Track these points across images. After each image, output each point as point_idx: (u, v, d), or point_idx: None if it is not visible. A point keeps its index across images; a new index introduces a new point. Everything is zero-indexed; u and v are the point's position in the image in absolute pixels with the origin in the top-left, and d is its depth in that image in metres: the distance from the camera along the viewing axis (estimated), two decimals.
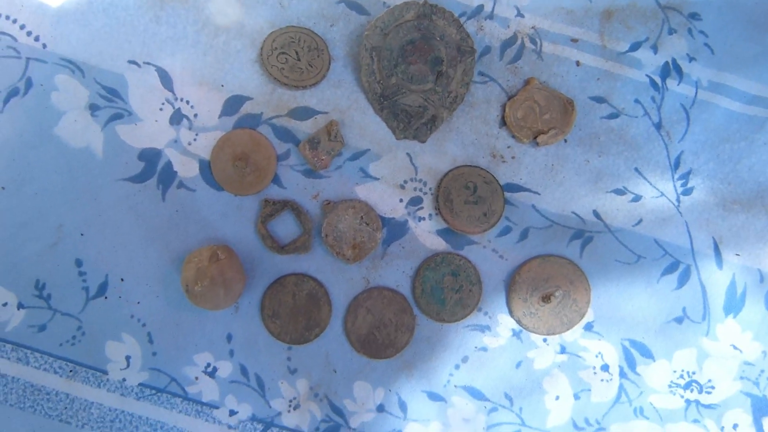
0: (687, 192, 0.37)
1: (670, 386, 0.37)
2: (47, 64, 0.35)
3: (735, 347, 0.37)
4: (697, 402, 0.37)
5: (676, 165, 0.37)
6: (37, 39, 0.35)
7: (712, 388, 0.37)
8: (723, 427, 0.37)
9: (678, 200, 0.37)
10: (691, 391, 0.37)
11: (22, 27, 0.35)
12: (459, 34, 0.36)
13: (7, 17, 0.35)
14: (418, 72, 0.36)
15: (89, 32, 0.35)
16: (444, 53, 0.36)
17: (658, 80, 0.37)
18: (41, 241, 0.35)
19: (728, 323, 0.37)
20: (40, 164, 0.35)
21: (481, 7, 0.37)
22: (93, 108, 0.35)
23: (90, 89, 0.35)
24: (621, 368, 0.37)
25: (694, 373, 0.37)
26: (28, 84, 0.35)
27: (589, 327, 0.37)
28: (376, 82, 0.36)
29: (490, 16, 0.37)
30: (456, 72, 0.36)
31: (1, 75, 0.35)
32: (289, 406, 0.35)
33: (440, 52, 0.36)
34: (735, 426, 0.37)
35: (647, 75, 0.38)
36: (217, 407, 0.35)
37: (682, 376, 0.37)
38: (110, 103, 0.35)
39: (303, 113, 0.36)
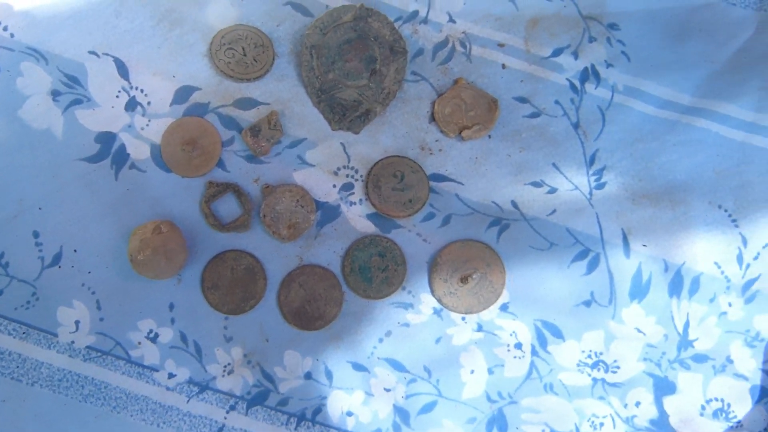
0: (600, 186, 0.40)
1: (578, 365, 0.40)
2: (14, 52, 0.38)
3: (639, 330, 0.40)
4: (603, 380, 0.40)
5: (591, 161, 0.40)
6: (5, 29, 0.38)
7: (618, 368, 0.40)
8: (626, 404, 0.40)
9: (591, 193, 0.40)
10: (598, 370, 0.40)
11: None
12: (392, 35, 0.39)
13: None
14: (353, 69, 0.39)
15: (54, 23, 0.38)
16: (378, 53, 0.39)
17: (577, 84, 0.41)
18: (2, 213, 0.38)
19: (633, 308, 0.40)
20: (5, 143, 0.38)
21: (416, 13, 0.40)
22: (55, 93, 0.38)
23: (53, 76, 0.38)
24: (533, 347, 0.40)
25: (601, 353, 0.40)
26: None
27: (504, 307, 0.40)
28: (315, 78, 0.39)
29: (425, 21, 0.41)
30: (389, 70, 0.39)
31: None
32: (224, 371, 0.38)
33: (374, 51, 0.39)
34: (637, 404, 0.40)
35: (567, 79, 0.41)
36: (157, 370, 0.38)
37: (590, 356, 0.40)
38: (71, 89, 0.38)
39: (247, 104, 0.39)
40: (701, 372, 0.40)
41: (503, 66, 0.41)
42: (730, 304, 0.40)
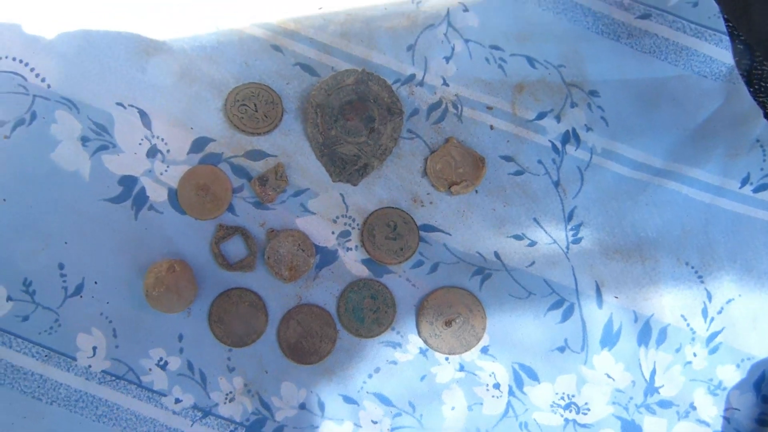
0: (576, 241, 0.44)
1: (552, 406, 0.43)
2: (50, 101, 0.42)
3: (609, 376, 0.43)
4: (575, 421, 0.43)
5: (570, 217, 0.44)
6: (43, 80, 0.42)
7: (588, 410, 0.43)
8: None
9: (568, 247, 0.44)
10: (570, 411, 0.43)
11: (32, 69, 0.42)
12: (390, 98, 0.43)
13: (21, 61, 0.42)
14: (354, 127, 0.43)
15: (86, 77, 0.42)
16: (376, 113, 0.43)
17: (559, 145, 0.45)
18: (31, 246, 0.41)
19: (604, 355, 0.43)
20: (38, 182, 0.42)
21: (413, 76, 0.44)
22: (84, 139, 0.42)
23: (83, 124, 0.42)
24: (510, 387, 0.43)
25: (573, 396, 0.43)
26: (33, 116, 0.42)
27: (485, 350, 0.43)
28: (319, 133, 0.43)
29: (421, 84, 0.45)
30: (386, 129, 0.43)
31: (11, 108, 0.42)
32: (226, 398, 0.42)
33: (373, 112, 0.43)
34: None
35: (550, 140, 0.45)
36: (165, 395, 0.42)
37: (562, 398, 0.43)
38: (99, 136, 0.42)
39: (256, 155, 0.43)
40: (666, 417, 0.43)
41: (491, 127, 0.44)
42: (694, 354, 0.43)
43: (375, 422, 0.42)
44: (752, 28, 0.43)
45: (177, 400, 0.42)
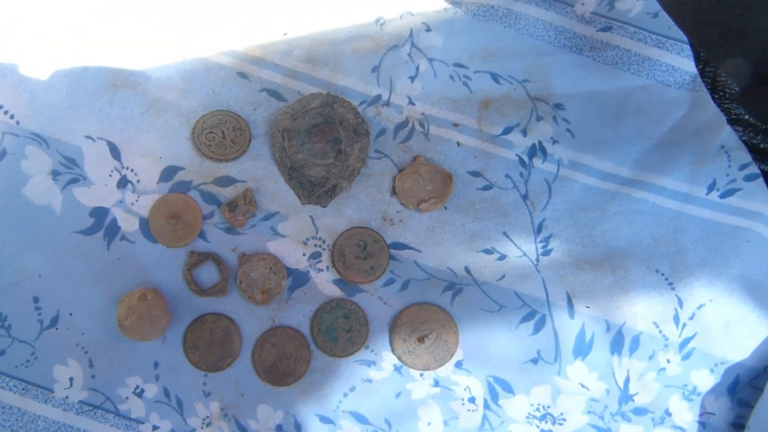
0: (546, 253, 0.44)
1: (527, 417, 0.43)
2: (19, 137, 0.43)
3: (583, 385, 0.43)
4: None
5: (539, 230, 0.45)
6: (12, 117, 0.43)
7: (564, 420, 0.43)
8: None
9: (537, 259, 0.44)
10: (546, 422, 0.43)
11: (0, 107, 0.43)
12: (356, 119, 0.44)
13: None
14: (321, 150, 0.44)
15: (55, 112, 0.43)
16: (342, 135, 0.44)
17: (526, 159, 0.45)
18: (6, 280, 0.42)
19: (577, 365, 0.43)
20: (10, 217, 0.42)
21: (379, 96, 0.45)
22: (55, 173, 0.43)
23: (53, 158, 0.43)
24: (485, 400, 0.43)
25: (548, 406, 0.43)
26: (3, 153, 0.42)
27: (459, 364, 0.43)
28: (287, 157, 0.44)
29: (387, 104, 0.45)
30: (353, 150, 0.44)
31: None
32: (203, 423, 0.42)
33: (339, 134, 0.44)
34: None
35: (517, 154, 0.45)
36: (142, 422, 0.42)
37: (538, 409, 0.43)
38: (69, 170, 0.43)
39: (225, 181, 0.44)
40: (641, 424, 0.44)
41: (458, 143, 0.45)
42: (668, 361, 0.44)
43: None
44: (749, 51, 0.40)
45: (155, 428, 0.42)
